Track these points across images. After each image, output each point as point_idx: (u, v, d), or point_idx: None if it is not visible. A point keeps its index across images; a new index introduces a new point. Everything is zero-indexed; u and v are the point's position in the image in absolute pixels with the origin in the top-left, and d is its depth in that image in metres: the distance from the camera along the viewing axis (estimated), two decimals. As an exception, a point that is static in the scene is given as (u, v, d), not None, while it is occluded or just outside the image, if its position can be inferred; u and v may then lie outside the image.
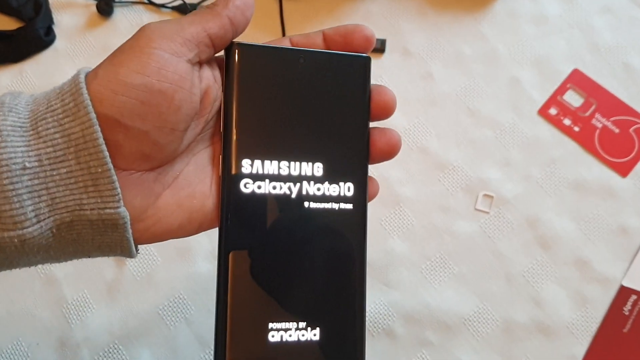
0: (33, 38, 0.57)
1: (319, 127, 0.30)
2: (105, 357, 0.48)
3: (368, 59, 0.31)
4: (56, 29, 0.58)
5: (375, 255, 0.51)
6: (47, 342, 0.49)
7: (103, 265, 0.51)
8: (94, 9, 0.59)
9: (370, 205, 0.31)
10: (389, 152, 0.31)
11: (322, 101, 0.30)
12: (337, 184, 0.30)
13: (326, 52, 0.31)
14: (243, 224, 0.29)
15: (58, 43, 0.58)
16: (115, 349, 0.48)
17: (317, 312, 0.29)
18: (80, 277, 0.50)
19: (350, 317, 0.30)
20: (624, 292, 0.50)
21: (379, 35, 0.58)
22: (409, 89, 0.56)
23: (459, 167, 0.54)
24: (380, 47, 0.57)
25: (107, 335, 0.49)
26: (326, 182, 0.30)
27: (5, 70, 0.57)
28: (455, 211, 0.53)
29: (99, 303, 0.50)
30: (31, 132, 0.25)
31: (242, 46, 0.30)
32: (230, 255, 0.29)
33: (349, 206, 0.30)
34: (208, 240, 0.51)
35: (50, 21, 0.58)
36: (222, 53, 0.30)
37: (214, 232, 0.53)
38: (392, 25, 0.59)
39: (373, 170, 0.53)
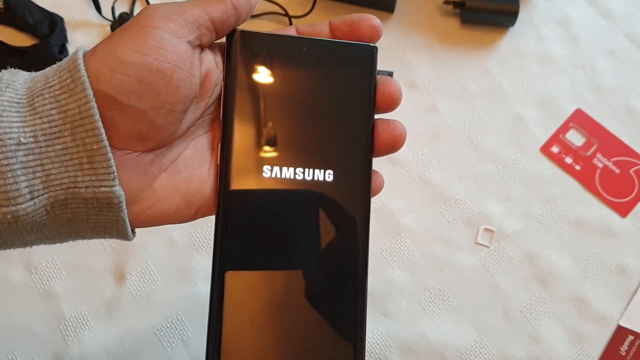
0: (47, 55, 0.57)
1: (322, 116, 0.29)
2: (100, 375, 0.48)
3: (374, 48, 0.30)
4: (70, 47, 0.59)
5: (375, 284, 0.51)
6: (42, 357, 0.48)
7: (103, 283, 0.51)
8: (108, 29, 0.60)
9: (371, 234, 0.30)
10: (393, 145, 0.30)
11: (325, 90, 0.29)
12: (340, 176, 0.29)
13: (330, 41, 0.30)
14: (240, 214, 0.28)
15: (71, 61, 0.59)
16: (111, 367, 0.48)
17: (316, 330, 0.29)
18: (79, 293, 0.50)
19: (351, 333, 0.29)
20: (621, 332, 0.50)
21: (386, 67, 0.59)
22: (414, 121, 0.57)
23: (461, 200, 0.55)
24: (387, 79, 0.58)
25: (103, 353, 0.49)
26: (328, 174, 0.29)
27: (17, 85, 0.58)
28: (456, 244, 0.53)
29: (96, 321, 0.50)
30: (27, 108, 0.25)
31: (244, 33, 0.29)
32: (227, 250, 0.28)
33: (352, 200, 0.29)
34: (208, 262, 0.51)
35: (64, 39, 0.59)
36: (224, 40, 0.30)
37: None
38: (399, 58, 0.60)
39: (375, 198, 0.52)
